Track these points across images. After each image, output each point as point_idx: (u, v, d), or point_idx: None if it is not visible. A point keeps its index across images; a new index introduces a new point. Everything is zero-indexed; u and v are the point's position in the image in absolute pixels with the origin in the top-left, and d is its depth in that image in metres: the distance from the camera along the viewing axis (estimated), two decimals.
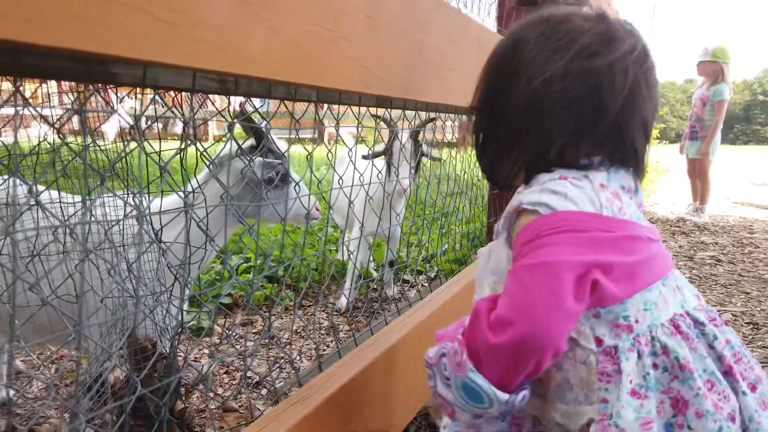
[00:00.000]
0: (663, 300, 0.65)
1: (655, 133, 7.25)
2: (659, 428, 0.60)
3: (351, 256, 2.32)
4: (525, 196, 0.67)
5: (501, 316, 0.60)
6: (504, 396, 0.61)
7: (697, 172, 5.20)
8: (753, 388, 0.64)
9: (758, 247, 4.01)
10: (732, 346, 0.65)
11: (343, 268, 2.92)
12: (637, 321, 0.63)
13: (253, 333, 2.29)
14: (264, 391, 1.77)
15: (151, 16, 0.52)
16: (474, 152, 0.83)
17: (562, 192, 0.64)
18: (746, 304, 2.77)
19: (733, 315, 2.61)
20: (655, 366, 0.62)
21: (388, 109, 1.29)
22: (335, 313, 2.52)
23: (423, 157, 2.39)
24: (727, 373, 0.63)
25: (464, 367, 0.61)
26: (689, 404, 0.60)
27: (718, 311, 2.61)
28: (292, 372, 1.91)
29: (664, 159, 7.44)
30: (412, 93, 1.07)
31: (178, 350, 1.18)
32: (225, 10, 0.60)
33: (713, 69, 4.87)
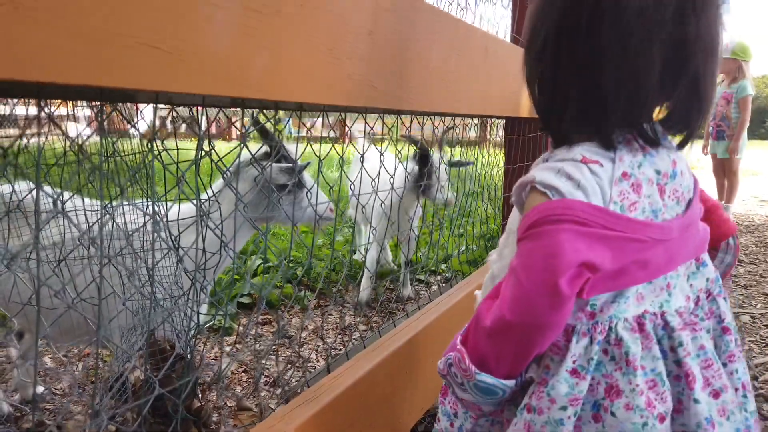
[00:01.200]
0: (637, 296, 0.66)
1: None
2: (588, 405, 0.64)
3: (366, 253, 2.37)
4: (540, 173, 0.66)
5: (502, 316, 0.63)
6: (512, 382, 0.67)
7: (726, 170, 5.10)
8: (716, 395, 0.67)
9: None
10: (706, 352, 0.67)
11: (359, 268, 2.97)
12: (601, 310, 0.65)
13: (272, 332, 2.35)
14: (280, 390, 1.83)
15: (159, 51, 0.57)
16: (490, 149, 0.80)
17: (576, 178, 0.63)
18: (766, 306, 2.74)
19: (752, 317, 2.58)
20: (605, 352, 0.65)
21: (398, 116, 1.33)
22: (353, 310, 2.57)
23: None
24: (682, 378, 0.65)
25: (471, 372, 0.66)
26: (622, 395, 0.62)
27: (735, 314, 2.59)
28: (306, 371, 1.97)
29: (691, 154, 7.30)
30: (415, 104, 1.11)
31: (195, 350, 1.24)
32: (228, 40, 0.65)
33: (732, 66, 4.79)
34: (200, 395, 1.23)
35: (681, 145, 0.71)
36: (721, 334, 0.73)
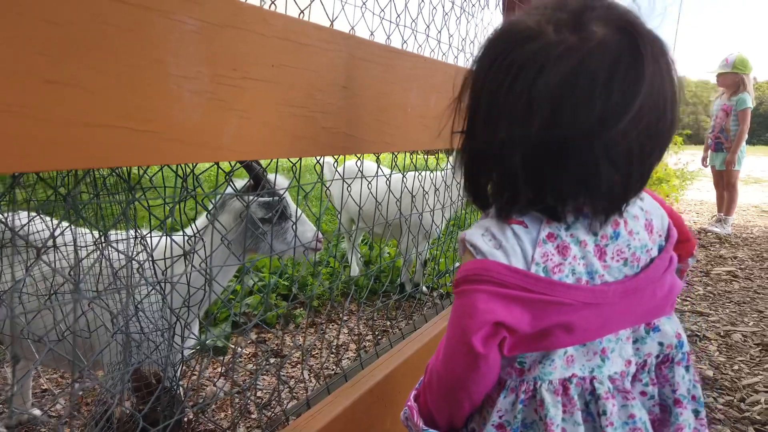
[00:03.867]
0: (566, 359, 0.66)
1: (679, 139, 7.14)
2: None
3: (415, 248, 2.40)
4: (472, 230, 0.68)
5: (436, 369, 0.69)
6: None
7: (725, 182, 5.10)
8: None
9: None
10: (635, 421, 0.67)
11: (349, 285, 3.00)
12: (529, 369, 0.67)
13: (270, 350, 2.38)
14: (266, 420, 1.86)
15: (129, 130, 0.61)
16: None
17: (498, 239, 0.65)
18: (758, 323, 2.75)
19: (743, 335, 2.60)
20: (536, 411, 0.67)
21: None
22: (346, 329, 2.60)
23: None
24: None
25: (418, 428, 0.72)
26: None
27: (728, 332, 2.59)
28: (299, 393, 2.00)
29: (693, 162, 7.21)
30: (394, 146, 1.14)
31: (180, 385, 1.27)
32: (198, 110, 0.68)
33: (734, 80, 4.82)
34: (186, 426, 1.26)
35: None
36: (672, 404, 0.71)
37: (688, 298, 3.12)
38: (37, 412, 1.73)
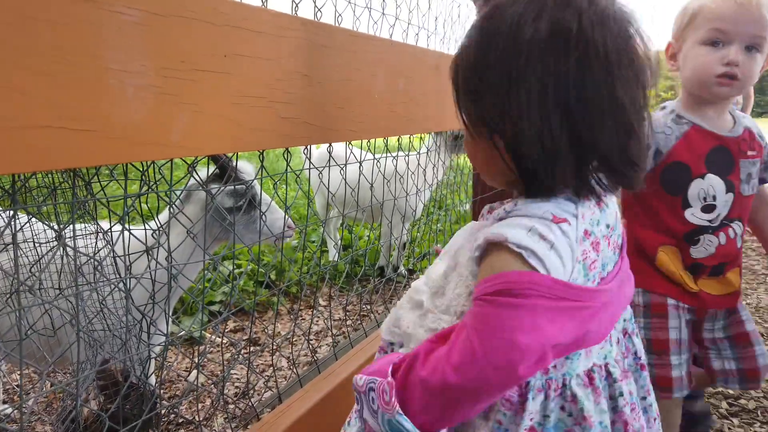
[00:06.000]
0: (586, 351, 0.67)
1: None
2: None
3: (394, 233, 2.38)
4: (510, 230, 0.60)
5: (444, 376, 0.58)
6: None
7: None
8: None
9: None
10: (632, 396, 0.70)
11: (326, 267, 2.99)
12: (555, 366, 0.65)
13: (244, 340, 2.36)
14: (240, 413, 1.85)
15: (67, 130, 0.57)
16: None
17: (549, 240, 0.60)
18: None
19: None
20: (562, 409, 0.65)
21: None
22: (326, 314, 2.59)
23: None
24: (617, 423, 0.68)
25: (392, 408, 0.61)
26: None
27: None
28: (279, 381, 1.99)
29: None
30: (361, 134, 1.11)
31: (150, 379, 1.25)
32: (143, 106, 0.65)
33: None
34: (156, 423, 1.24)
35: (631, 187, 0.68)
36: (638, 370, 0.75)
37: None
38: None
